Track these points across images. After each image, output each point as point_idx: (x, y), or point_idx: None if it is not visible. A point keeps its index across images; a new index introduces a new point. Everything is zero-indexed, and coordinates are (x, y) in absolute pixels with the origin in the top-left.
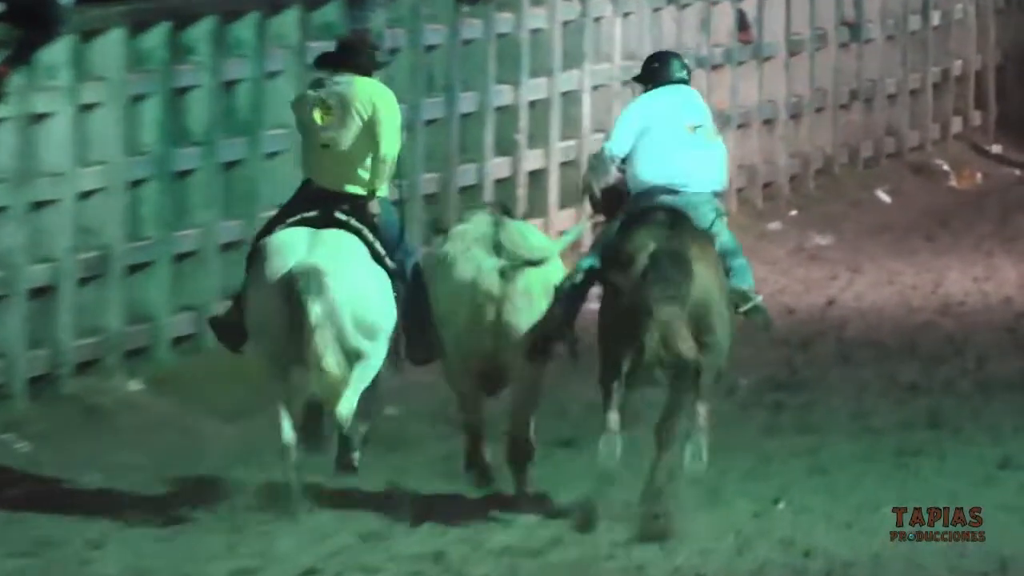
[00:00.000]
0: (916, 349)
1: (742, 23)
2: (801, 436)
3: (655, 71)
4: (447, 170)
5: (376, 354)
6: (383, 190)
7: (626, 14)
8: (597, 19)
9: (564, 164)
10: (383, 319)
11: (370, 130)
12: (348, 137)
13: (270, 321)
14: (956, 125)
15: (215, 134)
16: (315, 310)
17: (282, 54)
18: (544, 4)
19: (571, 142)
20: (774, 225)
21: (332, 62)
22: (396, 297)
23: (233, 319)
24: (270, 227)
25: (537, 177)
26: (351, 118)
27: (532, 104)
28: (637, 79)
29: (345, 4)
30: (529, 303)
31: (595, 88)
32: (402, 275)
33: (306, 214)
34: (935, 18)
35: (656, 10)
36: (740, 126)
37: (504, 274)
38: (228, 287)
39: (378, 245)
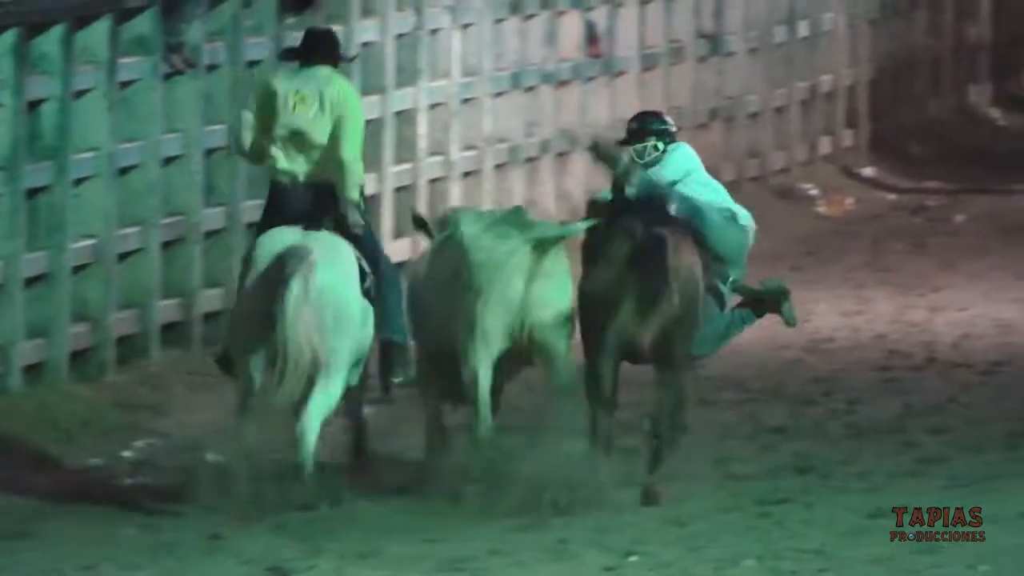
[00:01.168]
0: (782, 390)
1: (591, 36)
2: (658, 483)
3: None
4: None
5: (342, 357)
6: (355, 193)
7: (465, 26)
8: (434, 31)
9: (398, 189)
10: (352, 319)
11: (337, 128)
12: (323, 131)
13: (252, 310)
14: (825, 146)
15: (17, 158)
16: (295, 288)
17: (91, 71)
18: (376, 15)
19: (406, 165)
20: None
21: (301, 54)
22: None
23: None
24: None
25: (369, 203)
26: (326, 112)
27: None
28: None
29: (160, 15)
30: (560, 278)
31: (431, 107)
32: (378, 294)
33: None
34: (802, 29)
35: (498, 21)
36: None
37: (537, 246)
38: (34, 323)
39: (363, 262)
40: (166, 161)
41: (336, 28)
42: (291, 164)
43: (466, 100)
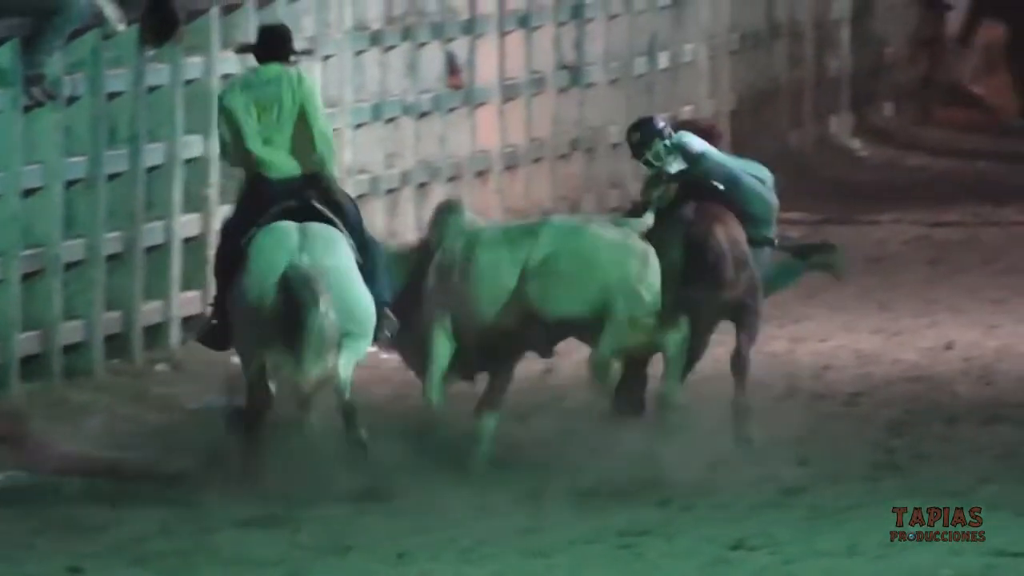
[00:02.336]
0: (646, 420)
1: (451, 67)
2: (519, 514)
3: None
4: (132, 228)
5: (363, 338)
6: (330, 166)
7: (326, 57)
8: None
9: None
10: (368, 309)
11: (303, 117)
12: (288, 130)
13: (262, 313)
14: None
15: None
16: (315, 322)
17: None
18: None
19: None
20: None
21: (256, 52)
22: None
23: (216, 322)
24: (238, 223)
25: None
26: (287, 112)
27: None
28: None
29: (20, 47)
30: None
31: None
32: (367, 263)
33: (286, 203)
34: (663, 60)
35: (359, 53)
36: (451, 179)
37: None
38: None
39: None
40: (26, 193)
41: (196, 61)
42: (271, 161)
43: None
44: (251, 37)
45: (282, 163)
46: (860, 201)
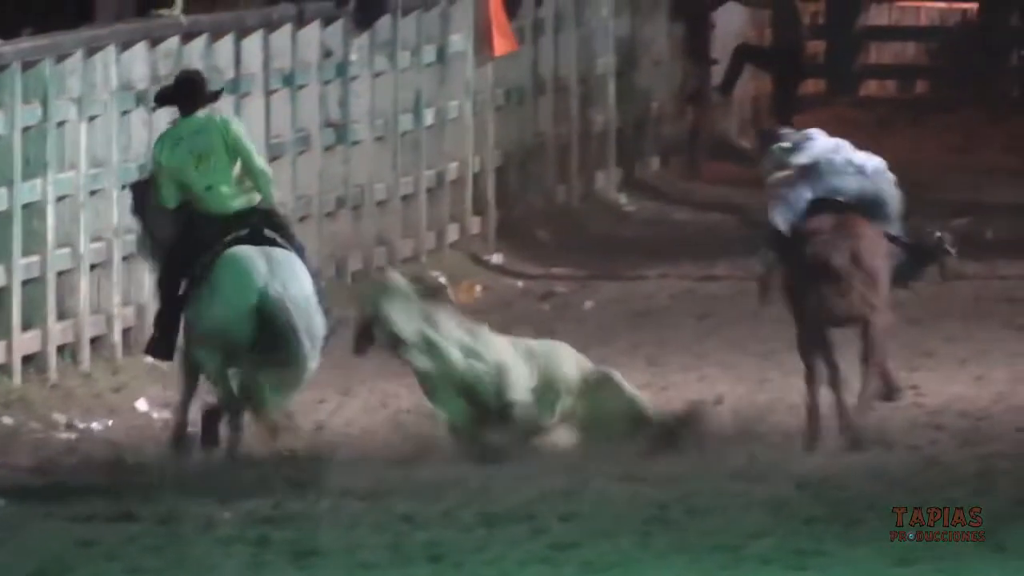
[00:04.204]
0: (411, 480)
1: None
2: (289, 575)
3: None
4: None
5: (315, 360)
6: (271, 198)
7: (92, 118)
8: (60, 124)
9: (26, 282)
10: (321, 328)
11: (235, 157)
12: (225, 172)
13: (233, 335)
14: (453, 233)
15: None
16: (301, 355)
17: None
18: (2, 107)
19: (34, 258)
20: None
21: (174, 100)
22: None
23: (160, 335)
24: (185, 250)
25: None
26: (220, 157)
27: None
28: None
29: None
30: None
31: (60, 199)
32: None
33: (238, 232)
34: (428, 117)
35: (124, 113)
36: None
37: None
38: None
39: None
40: None
41: None
42: (214, 203)
43: (94, 192)
44: (16, 98)
45: (223, 204)
46: (627, 256)
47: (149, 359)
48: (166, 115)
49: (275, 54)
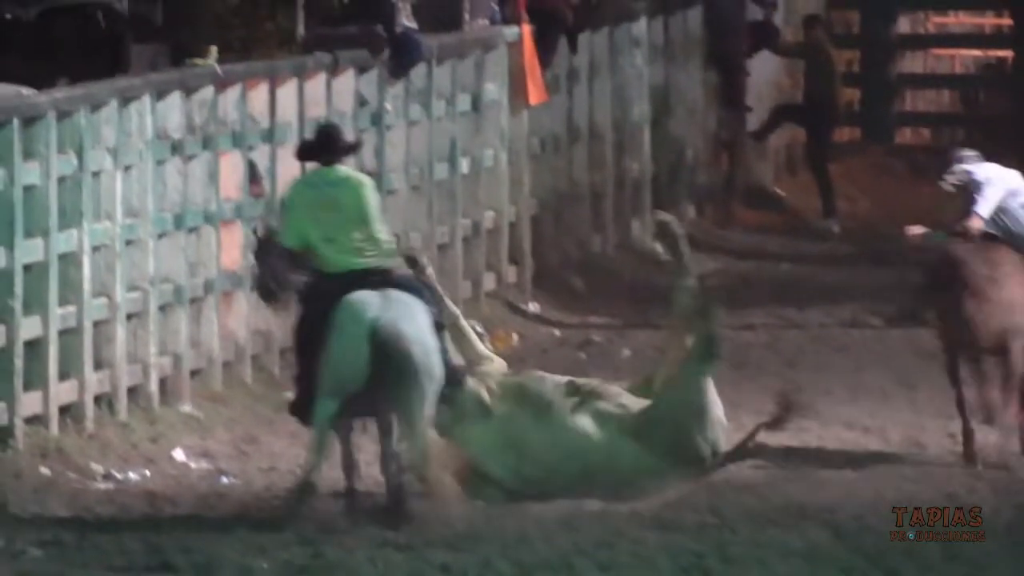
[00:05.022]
0: (449, 528)
1: (253, 175)
2: None
3: None
4: None
5: (431, 402)
6: (391, 260)
7: (127, 168)
8: (96, 173)
9: (63, 332)
10: (438, 369)
11: (362, 218)
12: (347, 228)
13: (350, 363)
14: (489, 282)
15: None
16: (419, 377)
17: None
18: (37, 157)
19: (70, 308)
20: (292, 394)
21: (314, 154)
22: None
23: (303, 399)
24: (311, 313)
25: (34, 347)
26: (347, 213)
27: (27, 268)
28: None
29: None
30: None
31: (95, 249)
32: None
33: (360, 288)
34: (464, 166)
35: (160, 163)
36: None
37: None
38: None
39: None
40: None
41: None
42: (333, 259)
43: (130, 242)
44: (51, 148)
45: (341, 261)
46: (663, 304)
47: (187, 408)
48: (200, 164)
49: (310, 103)
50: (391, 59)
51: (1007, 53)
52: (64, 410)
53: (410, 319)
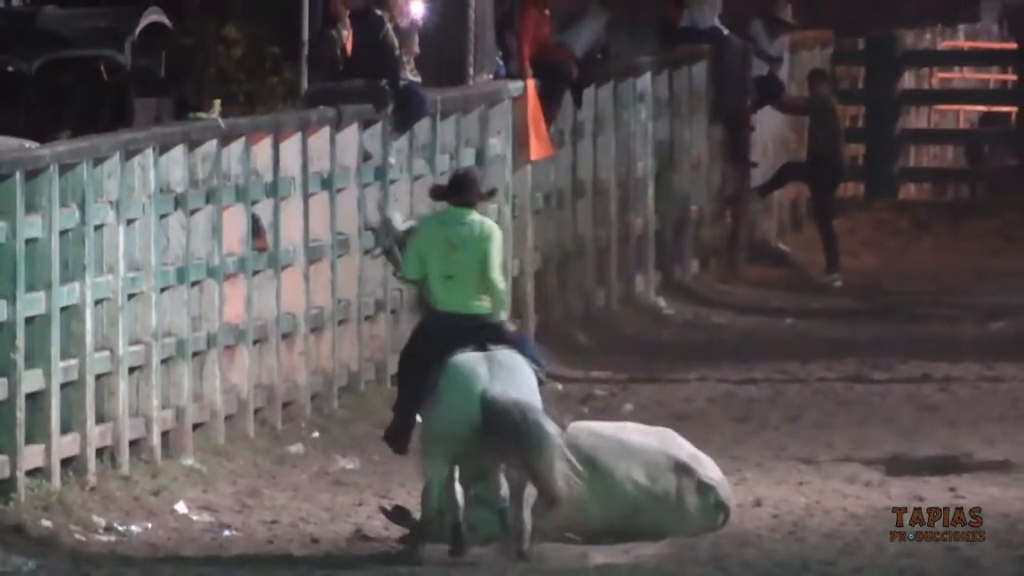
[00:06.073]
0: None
1: (256, 229)
2: None
3: None
4: None
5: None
6: (503, 313)
7: (130, 221)
8: (98, 227)
9: (64, 385)
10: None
11: (483, 263)
12: (468, 270)
13: (460, 433)
14: None
15: None
16: (550, 454)
17: None
18: (39, 210)
19: (72, 361)
20: (295, 448)
21: (447, 196)
22: None
23: (399, 427)
24: (419, 351)
25: (36, 400)
26: (472, 254)
27: (29, 320)
28: None
29: None
30: None
31: (97, 302)
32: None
33: (469, 338)
34: None
35: (163, 216)
36: (256, 341)
37: None
38: None
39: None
40: None
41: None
42: (448, 298)
43: (132, 295)
44: (54, 201)
45: (454, 301)
46: (666, 359)
47: (189, 461)
48: (203, 218)
49: (313, 157)
50: (395, 113)
51: (1011, 109)
52: (66, 463)
53: (517, 385)
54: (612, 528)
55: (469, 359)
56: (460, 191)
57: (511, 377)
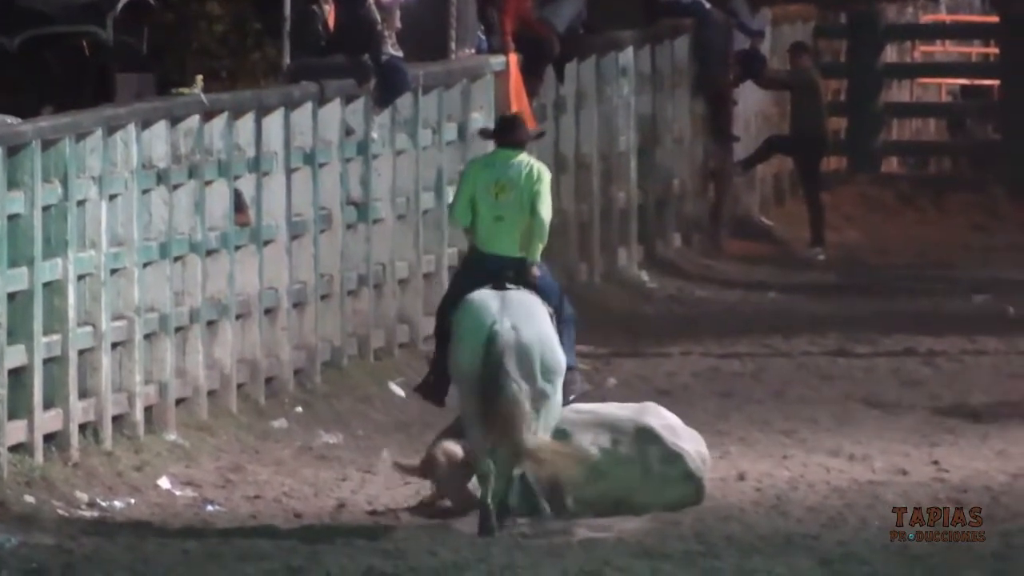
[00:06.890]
0: (435, 557)
1: (239, 204)
2: None
3: None
4: None
5: (555, 395)
6: (537, 255)
7: (112, 196)
8: (81, 202)
9: (48, 360)
10: (561, 364)
11: (532, 202)
12: (517, 211)
13: (470, 373)
14: None
15: None
16: (512, 387)
17: None
18: (21, 186)
19: (55, 336)
20: (278, 423)
21: (496, 136)
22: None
23: (434, 378)
24: (455, 293)
25: (19, 375)
26: (521, 195)
27: (12, 296)
28: None
29: None
30: None
31: (80, 277)
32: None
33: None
34: (450, 195)
35: (145, 192)
36: (239, 316)
37: None
38: None
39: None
40: None
41: None
42: (495, 240)
43: (115, 270)
44: (36, 177)
45: (501, 242)
46: (649, 333)
47: (172, 436)
48: (186, 193)
49: (296, 132)
50: (377, 89)
51: (994, 82)
52: (49, 438)
53: (529, 322)
54: (584, 497)
55: (483, 295)
56: (507, 132)
57: (525, 315)
